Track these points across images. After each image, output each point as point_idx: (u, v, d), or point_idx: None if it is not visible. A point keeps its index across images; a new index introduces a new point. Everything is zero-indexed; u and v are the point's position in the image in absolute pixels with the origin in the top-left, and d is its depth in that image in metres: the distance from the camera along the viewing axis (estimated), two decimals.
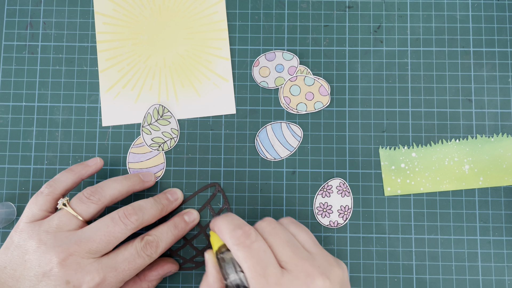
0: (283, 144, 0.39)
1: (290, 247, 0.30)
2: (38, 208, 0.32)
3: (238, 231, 0.30)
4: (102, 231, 0.31)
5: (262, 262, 0.28)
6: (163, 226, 0.35)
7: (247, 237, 0.29)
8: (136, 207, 0.33)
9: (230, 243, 0.30)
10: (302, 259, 0.29)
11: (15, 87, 0.39)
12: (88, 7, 0.40)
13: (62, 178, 0.34)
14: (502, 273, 0.37)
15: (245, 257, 0.29)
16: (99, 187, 0.33)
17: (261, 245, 0.29)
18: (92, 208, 0.32)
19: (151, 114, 0.39)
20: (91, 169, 0.36)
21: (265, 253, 0.29)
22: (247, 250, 0.29)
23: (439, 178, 0.38)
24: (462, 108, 0.39)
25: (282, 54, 0.39)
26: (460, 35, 0.40)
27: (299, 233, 0.32)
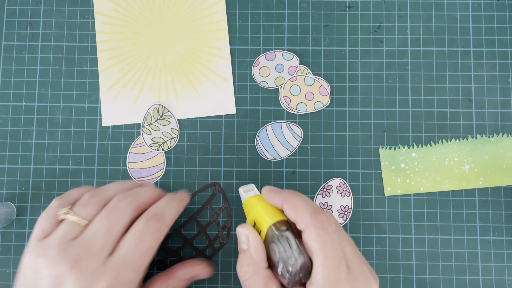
0: (283, 144, 0.39)
1: (352, 246, 0.29)
2: (47, 223, 0.31)
3: (322, 215, 0.29)
4: (102, 225, 0.29)
5: (339, 255, 0.28)
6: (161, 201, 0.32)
7: (330, 224, 0.29)
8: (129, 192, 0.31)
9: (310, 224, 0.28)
10: (360, 261, 0.29)
11: (15, 87, 0.39)
12: (88, 7, 0.40)
13: (73, 192, 0.33)
14: (502, 273, 0.37)
15: (324, 245, 0.28)
16: (99, 189, 0.32)
17: (338, 238, 0.28)
18: (94, 209, 0.31)
19: (151, 114, 0.39)
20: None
21: (341, 247, 0.28)
22: (328, 239, 0.28)
23: (439, 178, 0.38)
24: (462, 108, 0.39)
25: (282, 54, 0.39)
26: (460, 35, 0.40)
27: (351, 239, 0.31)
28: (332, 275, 0.27)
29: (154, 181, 0.38)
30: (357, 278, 0.28)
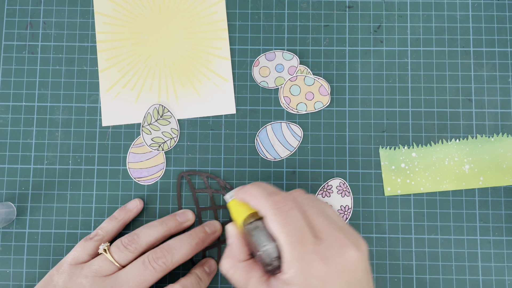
0: (283, 144, 0.39)
1: (323, 216, 0.30)
2: (85, 253, 0.34)
3: (275, 197, 0.29)
4: (135, 275, 0.32)
5: (300, 229, 0.28)
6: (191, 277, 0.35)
7: (285, 203, 0.29)
8: (165, 249, 0.33)
9: (266, 208, 0.29)
10: (334, 229, 0.29)
11: (15, 87, 0.39)
12: (88, 7, 0.40)
13: (108, 226, 0.36)
14: (502, 273, 0.37)
15: (282, 224, 0.28)
16: (136, 236, 0.34)
17: (298, 213, 0.29)
18: (129, 256, 0.34)
19: (151, 114, 0.39)
20: (133, 213, 0.37)
21: (302, 220, 0.29)
22: (285, 216, 0.28)
23: (439, 178, 0.38)
24: (462, 108, 0.39)
25: (282, 54, 0.39)
26: (460, 35, 0.40)
27: (325, 207, 0.32)
28: (297, 249, 0.28)
29: (154, 181, 0.38)
30: (329, 246, 0.28)
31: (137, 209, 0.37)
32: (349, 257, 0.28)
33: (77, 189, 0.38)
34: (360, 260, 0.28)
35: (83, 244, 0.34)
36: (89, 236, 0.35)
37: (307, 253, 0.27)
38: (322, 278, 0.27)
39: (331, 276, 0.27)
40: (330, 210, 0.31)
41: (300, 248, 0.28)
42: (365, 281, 0.29)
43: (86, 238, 0.35)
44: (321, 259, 0.27)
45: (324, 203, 0.32)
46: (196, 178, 0.38)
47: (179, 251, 0.34)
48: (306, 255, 0.27)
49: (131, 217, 0.37)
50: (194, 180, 0.38)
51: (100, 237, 0.35)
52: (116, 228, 0.36)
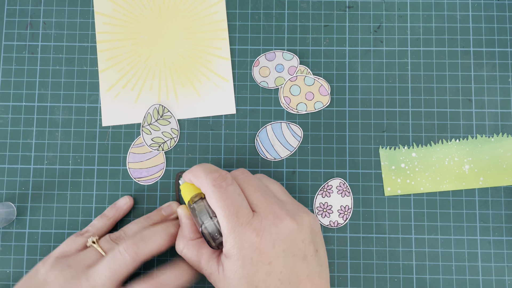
0: (283, 144, 0.39)
1: (260, 192, 0.31)
2: (73, 247, 0.34)
3: (215, 174, 0.31)
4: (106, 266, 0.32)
5: (235, 204, 0.30)
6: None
7: (223, 179, 0.31)
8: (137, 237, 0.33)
9: (206, 184, 0.31)
10: (271, 203, 0.31)
11: (15, 87, 0.39)
12: (88, 7, 0.40)
13: (98, 224, 0.36)
14: (502, 273, 0.37)
15: (220, 198, 0.30)
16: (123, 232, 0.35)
17: (235, 189, 0.31)
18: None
19: (151, 114, 0.39)
20: (123, 210, 0.37)
21: (239, 196, 0.30)
22: (223, 192, 0.30)
23: (439, 178, 0.38)
24: (462, 108, 0.39)
25: (282, 54, 0.39)
26: (460, 35, 0.40)
27: (271, 185, 0.33)
28: (232, 222, 0.29)
29: (154, 181, 0.38)
30: (263, 218, 0.30)
31: (127, 206, 0.37)
32: (283, 227, 0.29)
33: (77, 189, 0.38)
34: (298, 232, 0.30)
35: (73, 239, 0.34)
36: (79, 232, 0.35)
37: (240, 226, 0.29)
38: (256, 248, 0.29)
39: (265, 246, 0.29)
40: (274, 187, 0.33)
41: (234, 221, 0.29)
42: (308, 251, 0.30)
43: (76, 234, 0.35)
44: (254, 230, 0.29)
45: (270, 181, 0.34)
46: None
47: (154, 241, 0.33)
48: (240, 227, 0.29)
49: (122, 214, 0.37)
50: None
51: (90, 234, 0.35)
52: (107, 226, 0.36)
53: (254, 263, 0.29)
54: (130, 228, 0.35)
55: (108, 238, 0.34)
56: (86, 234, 0.35)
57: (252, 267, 0.29)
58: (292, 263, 0.29)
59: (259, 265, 0.29)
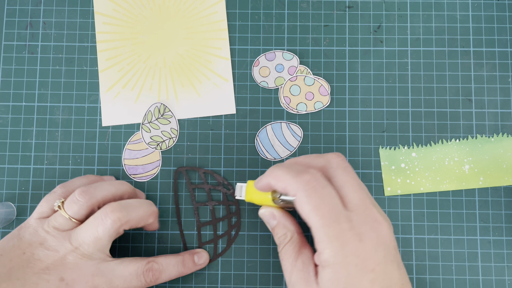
0: (283, 144, 0.39)
1: (362, 190, 0.29)
2: (48, 207, 0.33)
3: (305, 175, 0.28)
4: (88, 231, 0.31)
5: (334, 209, 0.27)
6: (172, 258, 0.34)
7: (316, 180, 0.28)
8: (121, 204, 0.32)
9: (296, 188, 0.28)
10: (368, 204, 0.28)
11: (15, 87, 0.39)
12: (88, 7, 0.40)
13: (76, 182, 0.35)
14: (502, 273, 0.37)
15: (317, 205, 0.27)
16: (91, 188, 0.33)
17: (330, 191, 0.28)
18: (82, 208, 0.32)
19: (152, 112, 0.39)
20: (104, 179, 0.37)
21: (335, 198, 0.28)
22: (318, 197, 0.28)
23: (439, 178, 0.38)
24: (462, 108, 0.39)
25: (282, 54, 0.39)
26: (460, 35, 0.40)
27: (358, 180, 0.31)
28: (333, 230, 0.27)
29: (149, 178, 0.38)
30: (363, 221, 0.28)
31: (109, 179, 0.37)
32: (381, 232, 0.28)
33: None
34: (392, 236, 0.28)
35: (47, 198, 0.34)
36: (54, 190, 0.34)
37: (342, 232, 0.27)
38: (360, 255, 0.27)
39: (368, 251, 0.27)
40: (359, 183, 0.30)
41: (336, 227, 0.27)
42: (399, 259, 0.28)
43: (50, 192, 0.34)
44: (357, 235, 0.27)
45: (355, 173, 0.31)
46: (194, 174, 0.38)
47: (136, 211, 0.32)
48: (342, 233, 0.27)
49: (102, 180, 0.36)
50: (192, 176, 0.38)
51: (63, 190, 0.34)
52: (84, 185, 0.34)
53: (358, 270, 0.27)
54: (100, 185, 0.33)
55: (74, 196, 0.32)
56: (58, 191, 0.34)
57: (357, 275, 0.27)
58: (391, 270, 0.27)
59: (364, 272, 0.27)
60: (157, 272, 0.33)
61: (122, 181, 0.35)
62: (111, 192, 0.33)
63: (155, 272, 0.33)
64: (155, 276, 0.33)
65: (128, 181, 0.38)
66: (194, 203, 0.38)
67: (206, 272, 0.37)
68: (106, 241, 0.32)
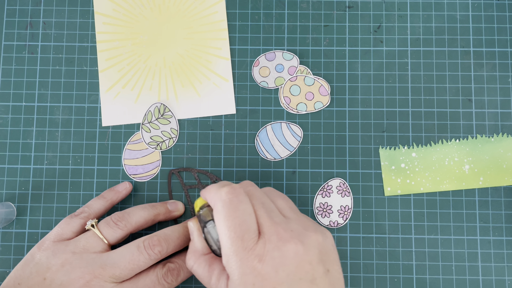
0: (283, 144, 0.39)
1: (265, 209, 0.29)
2: (69, 229, 0.33)
3: (226, 187, 0.29)
4: (127, 258, 0.31)
5: (243, 225, 0.28)
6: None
7: (236, 195, 0.29)
8: (161, 237, 0.33)
9: (216, 198, 0.29)
10: (275, 223, 0.28)
11: (15, 87, 0.39)
12: (88, 7, 0.40)
13: (95, 204, 0.35)
14: (502, 273, 0.37)
15: (227, 216, 0.28)
16: (126, 214, 0.34)
17: (246, 208, 0.28)
18: (118, 233, 0.33)
19: (152, 112, 0.39)
20: (121, 194, 0.37)
21: (249, 216, 0.28)
22: (233, 209, 0.28)
23: (439, 178, 0.38)
24: (462, 108, 0.39)
25: (282, 54, 0.39)
26: (460, 35, 0.40)
27: (277, 199, 0.31)
28: (235, 245, 0.27)
29: (149, 178, 0.38)
30: (267, 241, 0.28)
31: (126, 191, 0.37)
32: (287, 250, 0.27)
33: (77, 189, 0.38)
34: (304, 253, 0.27)
35: (68, 221, 0.33)
36: (74, 213, 0.34)
37: (244, 250, 0.27)
38: (258, 274, 0.27)
39: (267, 271, 0.27)
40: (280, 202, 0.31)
41: (238, 244, 0.27)
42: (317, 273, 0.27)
43: (71, 215, 0.34)
44: (257, 256, 0.27)
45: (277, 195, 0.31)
46: (189, 175, 0.38)
47: (175, 241, 0.33)
48: (243, 252, 0.27)
49: (120, 198, 0.37)
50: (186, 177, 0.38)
51: (86, 215, 0.34)
52: (104, 207, 0.35)
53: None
54: (135, 211, 0.34)
55: (110, 220, 0.33)
56: (82, 215, 0.34)
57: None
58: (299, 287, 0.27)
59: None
60: (175, 271, 0.33)
61: (153, 203, 0.36)
62: (145, 218, 0.34)
63: (173, 272, 0.33)
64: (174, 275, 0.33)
65: (128, 182, 0.38)
66: (189, 204, 0.38)
67: None
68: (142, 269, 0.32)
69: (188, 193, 0.38)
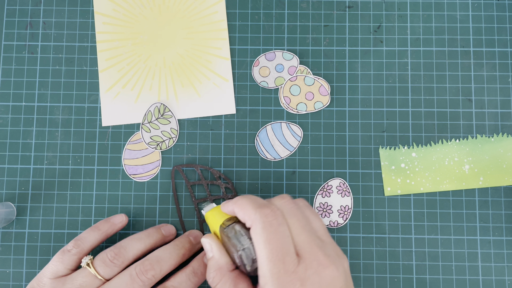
0: (283, 144, 0.39)
1: (307, 232, 0.29)
2: (63, 266, 0.33)
3: (265, 209, 0.29)
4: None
5: (284, 248, 0.28)
6: (182, 274, 0.34)
7: (275, 217, 0.28)
8: (153, 261, 0.32)
9: (255, 220, 0.28)
10: (316, 246, 0.29)
11: (15, 87, 0.39)
12: (88, 7, 0.40)
13: (89, 237, 0.34)
14: (502, 273, 0.37)
15: (268, 239, 0.28)
16: (123, 249, 0.33)
17: (285, 230, 0.28)
18: (115, 271, 0.32)
19: (152, 112, 0.39)
20: (117, 227, 0.36)
21: (287, 238, 0.28)
22: (273, 232, 0.28)
23: (439, 178, 0.38)
24: (462, 108, 0.39)
25: (282, 54, 0.39)
26: (460, 35, 0.40)
27: (314, 219, 0.31)
28: (277, 268, 0.27)
29: (149, 178, 0.38)
30: (308, 266, 0.28)
31: (121, 224, 0.36)
32: (326, 276, 0.28)
33: (77, 189, 0.38)
34: (338, 279, 0.28)
35: (61, 258, 0.33)
36: (66, 248, 0.33)
37: (285, 273, 0.27)
38: None
39: None
40: (316, 222, 0.31)
41: (280, 267, 0.27)
42: None
43: (63, 250, 0.33)
44: (299, 279, 0.27)
45: (312, 214, 0.31)
46: (192, 173, 0.38)
47: (168, 262, 0.33)
48: (285, 275, 0.27)
49: (115, 231, 0.36)
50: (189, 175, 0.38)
51: (79, 250, 0.33)
52: (97, 241, 0.34)
53: None
54: (131, 245, 0.33)
55: (106, 257, 0.32)
56: (74, 250, 0.33)
57: None
58: None
59: None
60: None
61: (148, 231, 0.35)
62: (141, 249, 0.34)
63: None
64: None
65: (128, 181, 0.38)
66: (193, 199, 0.38)
67: None
68: None
69: (192, 190, 0.38)
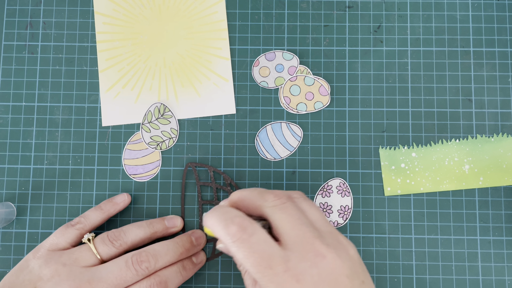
0: (283, 144, 0.39)
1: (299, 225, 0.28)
2: (64, 240, 0.33)
3: (232, 227, 0.27)
4: (115, 273, 0.31)
5: (265, 255, 0.27)
6: (173, 267, 0.34)
7: (244, 231, 0.27)
8: (150, 253, 0.33)
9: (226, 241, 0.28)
10: (312, 237, 0.27)
11: (15, 87, 0.39)
12: (88, 7, 0.40)
13: (92, 215, 0.35)
14: (502, 273, 0.37)
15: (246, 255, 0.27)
16: (123, 232, 0.34)
17: (260, 236, 0.27)
18: (112, 251, 0.33)
19: (152, 112, 0.39)
20: (119, 206, 0.37)
21: (266, 243, 0.27)
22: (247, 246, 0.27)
23: (439, 178, 0.38)
24: (462, 108, 0.39)
25: (282, 54, 0.39)
26: (460, 35, 0.40)
27: (310, 211, 0.30)
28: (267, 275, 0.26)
29: (149, 178, 0.38)
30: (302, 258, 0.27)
31: (124, 203, 0.37)
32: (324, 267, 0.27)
33: (77, 189, 0.38)
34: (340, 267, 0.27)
35: (64, 231, 0.34)
36: (70, 222, 0.34)
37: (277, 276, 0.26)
38: None
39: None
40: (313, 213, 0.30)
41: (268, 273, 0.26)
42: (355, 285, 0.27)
43: (67, 224, 0.34)
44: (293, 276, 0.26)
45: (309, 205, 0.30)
46: (204, 172, 0.38)
47: (164, 258, 0.33)
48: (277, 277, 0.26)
49: (117, 210, 0.36)
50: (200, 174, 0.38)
51: (82, 226, 0.34)
52: (100, 219, 0.35)
53: None
54: (131, 230, 0.34)
55: (106, 237, 0.33)
56: (78, 225, 0.34)
57: None
58: None
59: None
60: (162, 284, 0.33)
61: (150, 221, 0.36)
62: (141, 237, 0.34)
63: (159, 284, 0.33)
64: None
65: (128, 181, 0.38)
66: (200, 199, 0.38)
67: (206, 272, 0.37)
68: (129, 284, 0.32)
69: (200, 189, 0.38)
